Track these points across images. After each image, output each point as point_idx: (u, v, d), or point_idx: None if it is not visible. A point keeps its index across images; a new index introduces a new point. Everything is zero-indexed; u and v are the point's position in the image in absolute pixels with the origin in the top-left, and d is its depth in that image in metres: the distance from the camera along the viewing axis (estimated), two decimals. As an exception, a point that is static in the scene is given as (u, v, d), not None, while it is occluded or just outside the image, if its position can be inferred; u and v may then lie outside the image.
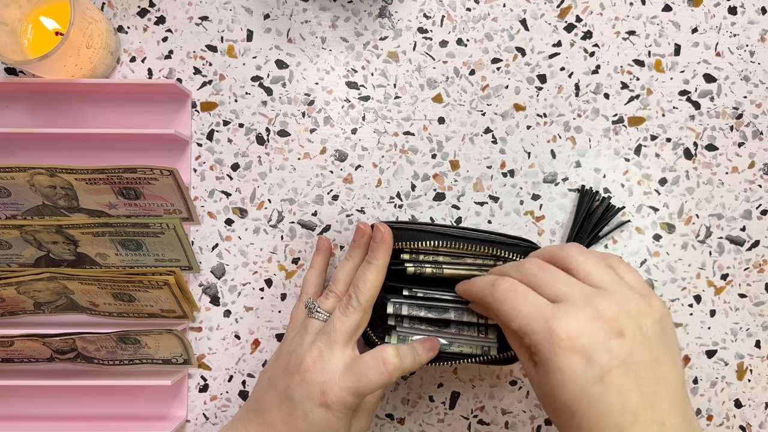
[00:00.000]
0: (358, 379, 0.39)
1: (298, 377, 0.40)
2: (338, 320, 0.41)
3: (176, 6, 0.50)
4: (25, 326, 0.48)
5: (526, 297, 0.36)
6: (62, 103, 0.49)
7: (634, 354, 0.33)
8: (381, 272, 0.42)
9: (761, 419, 0.50)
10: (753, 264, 0.49)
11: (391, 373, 0.39)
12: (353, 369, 0.40)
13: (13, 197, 0.45)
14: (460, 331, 0.43)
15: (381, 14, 0.50)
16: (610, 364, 0.33)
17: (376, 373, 0.39)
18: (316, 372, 0.40)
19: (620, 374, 0.33)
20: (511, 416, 0.50)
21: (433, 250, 0.43)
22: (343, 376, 0.39)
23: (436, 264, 0.43)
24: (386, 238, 0.42)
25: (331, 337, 0.41)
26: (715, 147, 0.49)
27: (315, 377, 0.40)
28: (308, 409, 0.39)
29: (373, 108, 0.50)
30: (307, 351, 0.41)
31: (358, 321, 0.41)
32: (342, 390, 0.39)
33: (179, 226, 0.45)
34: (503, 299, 0.36)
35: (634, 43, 0.49)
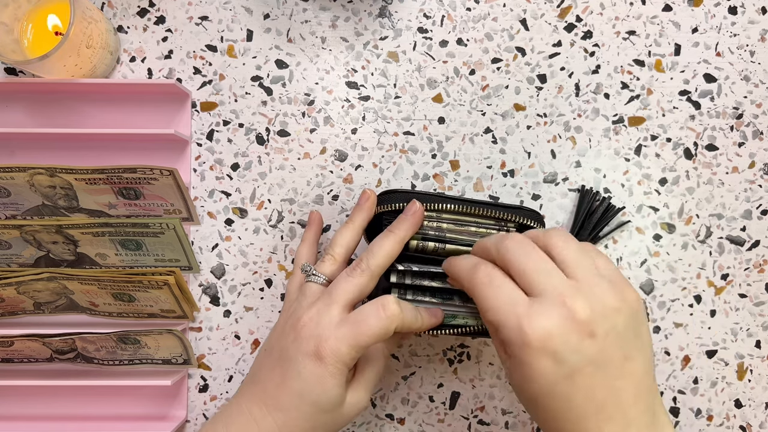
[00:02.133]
0: (355, 326, 0.37)
1: (292, 335, 0.39)
2: (343, 280, 0.39)
3: (176, 6, 0.50)
4: (25, 326, 0.48)
5: (502, 289, 0.35)
6: (62, 103, 0.49)
7: (604, 353, 0.33)
8: (400, 244, 0.41)
9: (761, 419, 0.49)
10: (753, 264, 0.49)
11: (390, 319, 0.37)
12: (350, 318, 0.38)
13: (13, 197, 0.45)
14: (465, 302, 0.42)
15: (381, 14, 0.50)
16: (579, 364, 0.33)
17: (375, 318, 0.37)
18: (311, 327, 0.38)
19: (589, 373, 0.33)
20: (511, 416, 0.50)
21: (437, 215, 0.42)
22: (339, 326, 0.38)
23: (439, 232, 0.42)
24: (418, 214, 0.41)
25: (332, 296, 0.39)
26: (716, 147, 0.49)
27: (310, 332, 0.38)
28: (301, 366, 0.37)
29: (373, 108, 0.50)
30: (304, 311, 0.39)
31: (363, 285, 0.39)
32: (337, 340, 0.37)
33: (179, 226, 0.45)
34: (480, 288, 0.36)
35: (635, 43, 0.49)
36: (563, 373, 0.33)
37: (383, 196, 0.43)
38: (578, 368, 0.33)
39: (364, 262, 0.40)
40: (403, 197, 0.42)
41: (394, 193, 0.43)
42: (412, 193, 0.42)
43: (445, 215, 0.42)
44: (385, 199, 0.43)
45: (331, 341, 0.37)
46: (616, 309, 0.34)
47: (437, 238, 0.42)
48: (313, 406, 0.38)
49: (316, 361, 0.37)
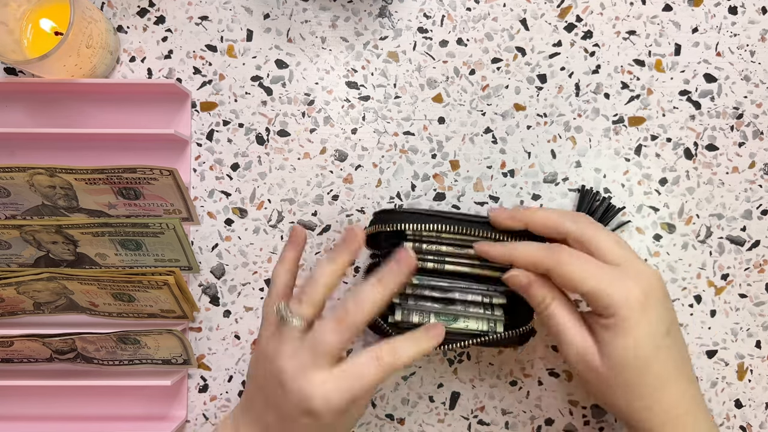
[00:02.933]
0: (350, 380, 0.36)
1: (280, 390, 0.37)
2: (328, 333, 0.36)
3: (176, 6, 0.50)
4: (24, 326, 0.48)
5: (592, 262, 0.37)
6: (62, 103, 0.49)
7: (673, 311, 0.38)
8: (390, 297, 0.38)
9: (761, 419, 0.49)
10: (753, 264, 0.49)
11: (386, 369, 0.37)
12: (344, 371, 0.36)
13: (13, 197, 0.45)
14: (465, 308, 0.42)
15: (381, 14, 0.50)
16: (670, 320, 0.37)
17: (370, 369, 0.36)
18: (300, 384, 0.36)
19: (676, 329, 0.38)
20: (511, 416, 0.50)
21: (437, 236, 0.42)
22: (332, 381, 0.36)
23: (438, 256, 0.42)
24: (408, 263, 0.38)
25: (317, 350, 0.36)
26: (716, 147, 0.49)
27: (298, 389, 0.36)
28: (297, 422, 0.36)
29: (373, 108, 0.49)
30: (286, 360, 0.37)
31: (349, 341, 0.37)
32: (331, 397, 0.36)
33: (179, 226, 0.45)
34: (571, 262, 0.37)
35: (635, 43, 0.49)
36: (664, 329, 0.37)
37: (382, 215, 0.42)
38: (671, 324, 0.37)
39: (351, 316, 0.37)
40: (401, 218, 0.41)
41: (394, 213, 0.42)
42: (411, 213, 0.41)
43: (445, 235, 0.41)
44: (383, 218, 0.42)
45: (325, 400, 0.35)
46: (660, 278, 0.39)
47: (436, 260, 0.42)
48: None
49: (310, 417, 0.36)
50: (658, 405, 0.37)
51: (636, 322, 0.36)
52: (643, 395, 0.37)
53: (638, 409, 0.37)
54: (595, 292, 0.36)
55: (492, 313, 0.42)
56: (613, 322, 0.36)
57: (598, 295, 0.36)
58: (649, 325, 0.36)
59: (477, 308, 0.42)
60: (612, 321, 0.36)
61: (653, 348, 0.36)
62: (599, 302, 0.36)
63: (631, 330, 0.36)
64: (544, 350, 0.50)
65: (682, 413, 0.37)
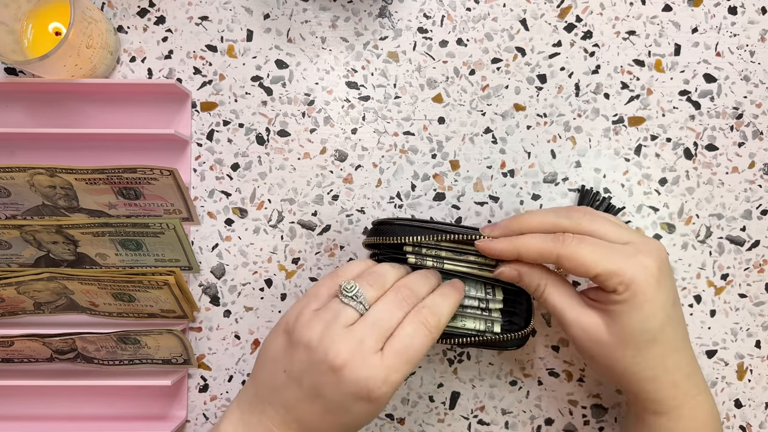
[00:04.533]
0: (403, 354, 0.35)
1: (332, 377, 0.35)
2: (418, 332, 0.36)
3: (176, 6, 0.50)
4: (25, 326, 0.48)
5: (600, 244, 0.38)
6: (62, 103, 0.49)
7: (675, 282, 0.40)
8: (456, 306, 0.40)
9: (761, 419, 0.49)
10: (753, 264, 0.49)
11: (435, 333, 0.37)
12: (394, 347, 0.35)
13: (13, 197, 0.45)
14: (463, 309, 0.43)
15: (381, 14, 0.50)
16: (675, 289, 0.39)
17: (421, 338, 0.36)
18: (356, 370, 0.34)
19: (678, 300, 0.39)
20: (511, 416, 0.50)
21: (435, 244, 0.42)
22: (391, 361, 0.35)
23: (437, 260, 0.42)
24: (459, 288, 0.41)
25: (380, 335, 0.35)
26: (716, 147, 0.49)
27: (355, 376, 0.34)
28: (350, 406, 0.35)
29: (373, 108, 0.50)
30: (342, 343, 0.35)
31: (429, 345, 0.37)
32: (389, 378, 0.35)
33: (179, 226, 0.45)
34: (580, 247, 0.37)
35: (634, 43, 0.49)
36: (671, 301, 0.38)
37: (380, 227, 0.43)
38: (676, 295, 0.39)
39: (435, 318, 0.37)
40: (401, 230, 0.41)
41: (391, 225, 0.42)
42: (409, 226, 0.42)
43: (444, 244, 0.42)
44: (381, 230, 0.42)
45: (386, 383, 0.35)
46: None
47: (435, 261, 0.42)
48: (359, 427, 0.37)
49: (368, 402, 0.35)
50: (664, 374, 0.38)
51: (652, 295, 0.37)
52: (650, 365, 0.38)
53: (645, 379, 0.38)
54: (609, 272, 0.37)
55: (489, 315, 0.42)
56: (627, 297, 0.37)
57: (612, 275, 0.37)
58: (662, 297, 0.37)
59: (474, 310, 0.42)
60: (627, 295, 0.37)
61: (665, 318, 0.37)
62: (613, 281, 0.37)
63: (646, 303, 0.37)
64: (544, 350, 0.50)
65: (687, 382, 0.39)
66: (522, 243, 0.39)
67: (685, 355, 0.39)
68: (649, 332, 0.37)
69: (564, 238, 0.38)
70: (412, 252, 0.42)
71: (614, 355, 0.38)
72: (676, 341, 0.39)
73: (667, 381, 0.39)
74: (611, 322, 0.38)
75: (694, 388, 0.40)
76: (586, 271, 0.37)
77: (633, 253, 0.37)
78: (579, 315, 0.39)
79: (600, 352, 0.38)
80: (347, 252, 0.49)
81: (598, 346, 0.38)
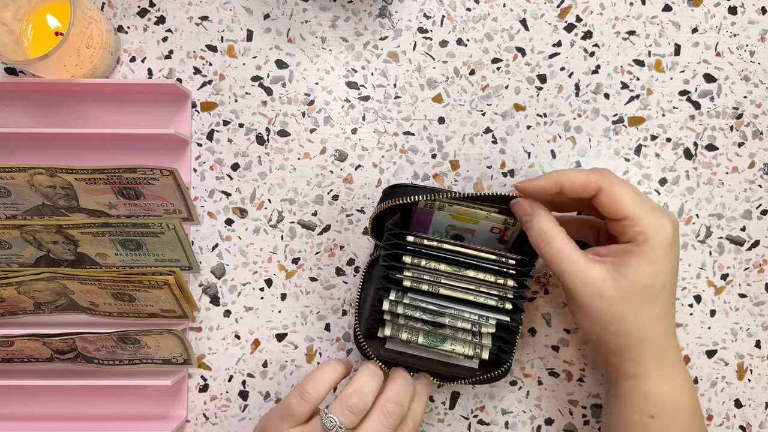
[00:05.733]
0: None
1: None
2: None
3: (176, 6, 0.50)
4: (25, 326, 0.48)
5: (637, 191, 0.39)
6: (62, 103, 0.49)
7: None
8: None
9: (761, 419, 0.50)
10: (753, 264, 0.49)
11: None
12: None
13: (13, 197, 0.45)
14: (454, 333, 0.43)
15: (381, 14, 0.50)
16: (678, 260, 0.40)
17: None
18: None
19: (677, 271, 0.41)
20: (511, 416, 0.50)
21: (438, 245, 0.42)
22: None
23: (435, 275, 0.42)
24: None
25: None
26: (715, 147, 0.49)
27: None
28: None
29: (373, 108, 0.50)
30: None
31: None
32: None
33: (179, 226, 0.45)
34: (621, 186, 0.39)
35: (634, 43, 0.49)
36: (676, 268, 0.40)
37: (392, 189, 0.43)
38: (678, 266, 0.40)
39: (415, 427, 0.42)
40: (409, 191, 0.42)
41: (399, 188, 0.43)
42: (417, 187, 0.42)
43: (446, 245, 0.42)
44: (394, 192, 0.43)
45: None
46: None
47: (432, 282, 0.42)
48: None
49: None
50: (655, 337, 0.39)
51: (666, 253, 0.38)
52: (645, 326, 0.39)
53: (638, 339, 0.39)
54: (637, 217, 0.38)
55: (479, 341, 0.43)
56: (644, 249, 0.38)
57: (639, 222, 0.38)
58: (672, 259, 0.39)
59: (465, 335, 0.43)
60: (645, 248, 0.38)
61: (668, 280, 0.39)
62: (635, 229, 0.38)
63: (659, 259, 0.38)
64: (544, 350, 0.50)
65: (671, 349, 0.40)
66: (565, 175, 0.40)
67: (672, 322, 0.41)
68: (653, 289, 0.38)
69: (609, 172, 0.40)
70: (410, 264, 0.42)
71: (615, 309, 0.39)
72: (669, 307, 0.40)
73: (655, 344, 0.39)
74: (619, 275, 0.38)
75: (674, 355, 0.41)
76: (619, 210, 0.39)
77: (655, 211, 0.39)
78: (585, 268, 0.39)
79: (601, 305, 0.39)
80: (347, 252, 0.49)
81: (601, 299, 0.39)
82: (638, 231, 0.38)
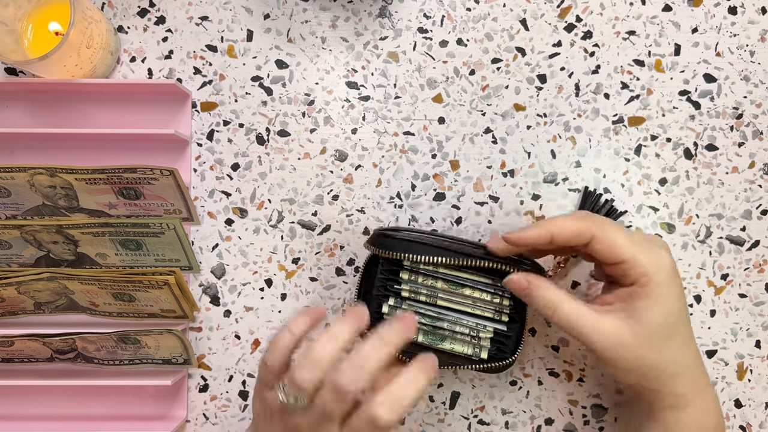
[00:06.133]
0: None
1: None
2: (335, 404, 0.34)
3: (176, 6, 0.50)
4: (25, 326, 0.48)
5: (629, 232, 0.39)
6: (62, 103, 0.49)
7: None
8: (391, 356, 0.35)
9: (761, 419, 0.49)
10: (753, 264, 0.49)
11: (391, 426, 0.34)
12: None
13: (13, 197, 0.45)
14: (453, 334, 0.43)
15: (381, 14, 0.50)
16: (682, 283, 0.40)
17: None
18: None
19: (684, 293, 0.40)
20: (511, 416, 0.50)
21: (434, 270, 0.42)
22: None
23: (432, 291, 0.42)
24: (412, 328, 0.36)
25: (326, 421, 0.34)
26: (715, 147, 0.49)
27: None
28: None
29: (373, 108, 0.50)
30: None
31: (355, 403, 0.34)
32: None
33: (179, 226, 0.45)
34: (614, 230, 0.38)
35: (634, 43, 0.49)
36: (683, 293, 0.39)
37: (381, 240, 0.42)
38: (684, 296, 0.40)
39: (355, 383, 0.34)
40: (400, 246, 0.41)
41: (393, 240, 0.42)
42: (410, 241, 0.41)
43: (443, 270, 0.42)
44: (383, 243, 0.42)
45: None
46: None
47: (429, 295, 0.42)
48: None
49: None
50: (686, 369, 0.39)
51: (670, 288, 0.38)
52: (673, 360, 0.39)
53: (669, 375, 0.39)
54: (636, 259, 0.38)
55: (479, 342, 0.43)
56: (649, 290, 0.38)
57: (637, 263, 0.38)
58: (677, 290, 0.38)
59: (464, 337, 0.43)
60: (649, 289, 0.38)
61: (681, 311, 0.39)
62: (638, 269, 0.38)
63: (667, 295, 0.38)
64: (544, 350, 0.50)
65: (701, 375, 0.40)
66: (555, 224, 0.39)
67: (695, 348, 0.40)
68: (668, 327, 0.38)
69: (600, 218, 0.39)
70: (407, 280, 0.42)
71: (638, 355, 0.38)
72: (688, 334, 0.40)
73: (688, 375, 0.39)
74: (633, 322, 0.38)
75: (705, 381, 0.40)
76: (616, 255, 0.38)
77: (651, 246, 0.39)
78: (597, 322, 0.38)
79: (624, 354, 0.38)
80: (347, 252, 0.49)
81: (622, 348, 0.38)
82: (640, 272, 0.38)
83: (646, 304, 0.38)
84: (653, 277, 0.37)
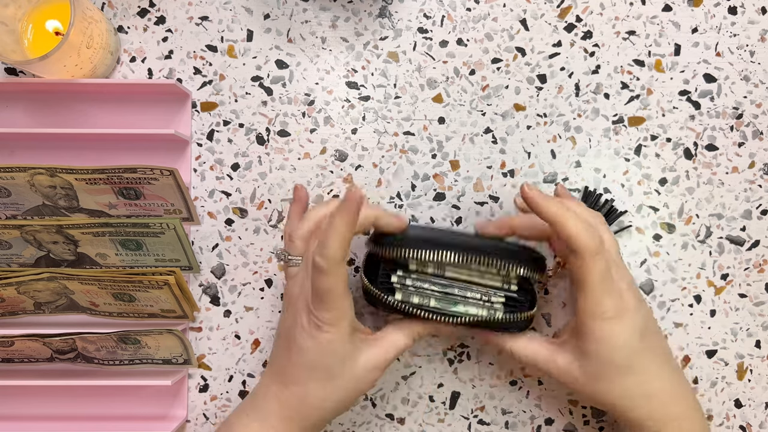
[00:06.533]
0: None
1: (289, 314, 0.41)
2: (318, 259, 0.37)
3: (176, 6, 0.50)
4: (25, 326, 0.48)
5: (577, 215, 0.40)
6: (62, 103, 0.49)
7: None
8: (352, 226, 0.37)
9: (761, 419, 0.50)
10: (753, 264, 0.49)
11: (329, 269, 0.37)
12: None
13: (13, 197, 0.45)
14: (465, 299, 0.43)
15: (381, 14, 0.50)
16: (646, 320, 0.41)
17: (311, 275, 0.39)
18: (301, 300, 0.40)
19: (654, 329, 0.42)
20: (511, 416, 0.50)
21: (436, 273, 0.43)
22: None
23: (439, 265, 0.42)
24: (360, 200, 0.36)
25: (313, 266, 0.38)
26: (715, 147, 0.49)
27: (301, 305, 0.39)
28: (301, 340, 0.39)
29: (373, 108, 0.50)
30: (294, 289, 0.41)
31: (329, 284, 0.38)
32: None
33: (179, 226, 0.45)
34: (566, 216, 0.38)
35: (634, 43, 0.49)
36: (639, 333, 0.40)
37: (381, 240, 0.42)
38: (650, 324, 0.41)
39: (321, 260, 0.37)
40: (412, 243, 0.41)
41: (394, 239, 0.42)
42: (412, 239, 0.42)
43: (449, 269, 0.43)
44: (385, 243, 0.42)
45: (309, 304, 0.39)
46: None
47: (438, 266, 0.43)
48: (324, 372, 0.39)
49: (314, 330, 0.38)
50: (644, 401, 0.40)
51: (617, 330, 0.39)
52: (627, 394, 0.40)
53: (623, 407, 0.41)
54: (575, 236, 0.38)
55: (492, 305, 0.43)
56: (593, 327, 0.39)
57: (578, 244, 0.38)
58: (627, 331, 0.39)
59: (477, 302, 0.43)
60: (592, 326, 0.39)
61: (634, 350, 0.39)
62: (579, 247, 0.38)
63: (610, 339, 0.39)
64: (544, 350, 0.50)
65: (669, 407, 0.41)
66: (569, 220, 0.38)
67: (668, 381, 0.41)
68: (619, 363, 0.39)
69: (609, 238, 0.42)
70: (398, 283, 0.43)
71: (589, 391, 0.41)
72: (656, 369, 0.40)
73: (646, 407, 0.40)
74: (582, 358, 0.40)
75: (678, 409, 0.41)
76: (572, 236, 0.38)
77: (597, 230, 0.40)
78: (551, 359, 0.42)
79: (577, 389, 0.41)
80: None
81: (574, 383, 0.41)
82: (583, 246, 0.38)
83: (594, 342, 0.39)
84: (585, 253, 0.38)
